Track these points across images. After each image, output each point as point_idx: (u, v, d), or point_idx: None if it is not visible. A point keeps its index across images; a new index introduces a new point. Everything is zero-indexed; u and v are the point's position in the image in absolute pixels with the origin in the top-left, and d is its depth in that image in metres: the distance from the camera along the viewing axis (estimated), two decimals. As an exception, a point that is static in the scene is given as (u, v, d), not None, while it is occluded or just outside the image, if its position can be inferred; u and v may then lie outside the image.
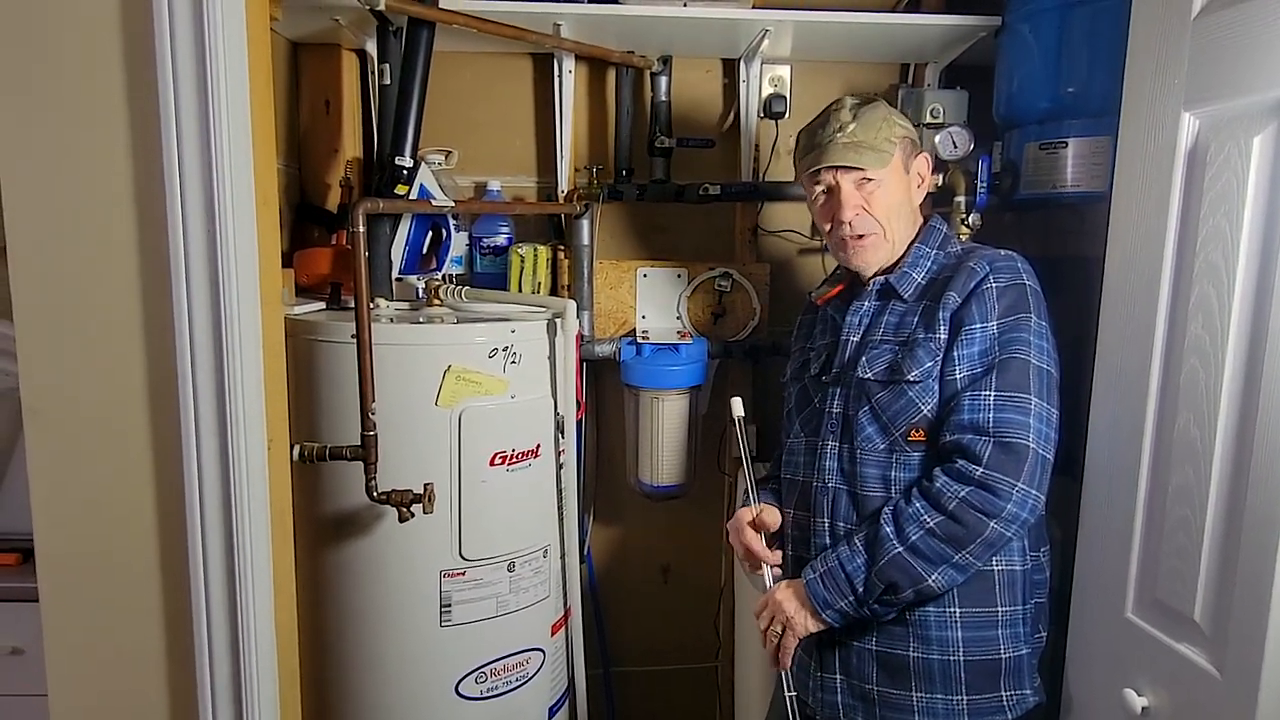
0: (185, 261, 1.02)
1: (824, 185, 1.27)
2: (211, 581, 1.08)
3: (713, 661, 2.16)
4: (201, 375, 1.04)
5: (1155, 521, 1.14)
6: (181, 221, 1.01)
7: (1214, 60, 1.06)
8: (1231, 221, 1.01)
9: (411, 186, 1.60)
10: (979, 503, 1.11)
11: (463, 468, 1.47)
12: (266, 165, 1.14)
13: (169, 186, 1.00)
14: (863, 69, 1.99)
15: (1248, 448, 0.99)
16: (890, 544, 1.14)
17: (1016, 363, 1.15)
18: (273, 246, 1.18)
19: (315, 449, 1.39)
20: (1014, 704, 1.21)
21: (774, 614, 1.22)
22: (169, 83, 0.99)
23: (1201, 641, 1.06)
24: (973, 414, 1.14)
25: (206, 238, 1.02)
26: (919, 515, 1.14)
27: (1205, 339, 1.05)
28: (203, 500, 1.06)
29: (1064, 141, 1.54)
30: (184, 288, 1.02)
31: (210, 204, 1.01)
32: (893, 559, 1.14)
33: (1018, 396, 1.14)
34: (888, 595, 1.15)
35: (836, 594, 1.17)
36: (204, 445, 1.05)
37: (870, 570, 1.15)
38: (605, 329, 1.95)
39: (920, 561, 1.13)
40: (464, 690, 1.53)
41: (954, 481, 1.13)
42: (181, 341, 1.03)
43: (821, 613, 1.18)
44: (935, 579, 1.13)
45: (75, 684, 1.11)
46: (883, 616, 1.19)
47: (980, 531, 1.12)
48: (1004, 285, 1.19)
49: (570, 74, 1.88)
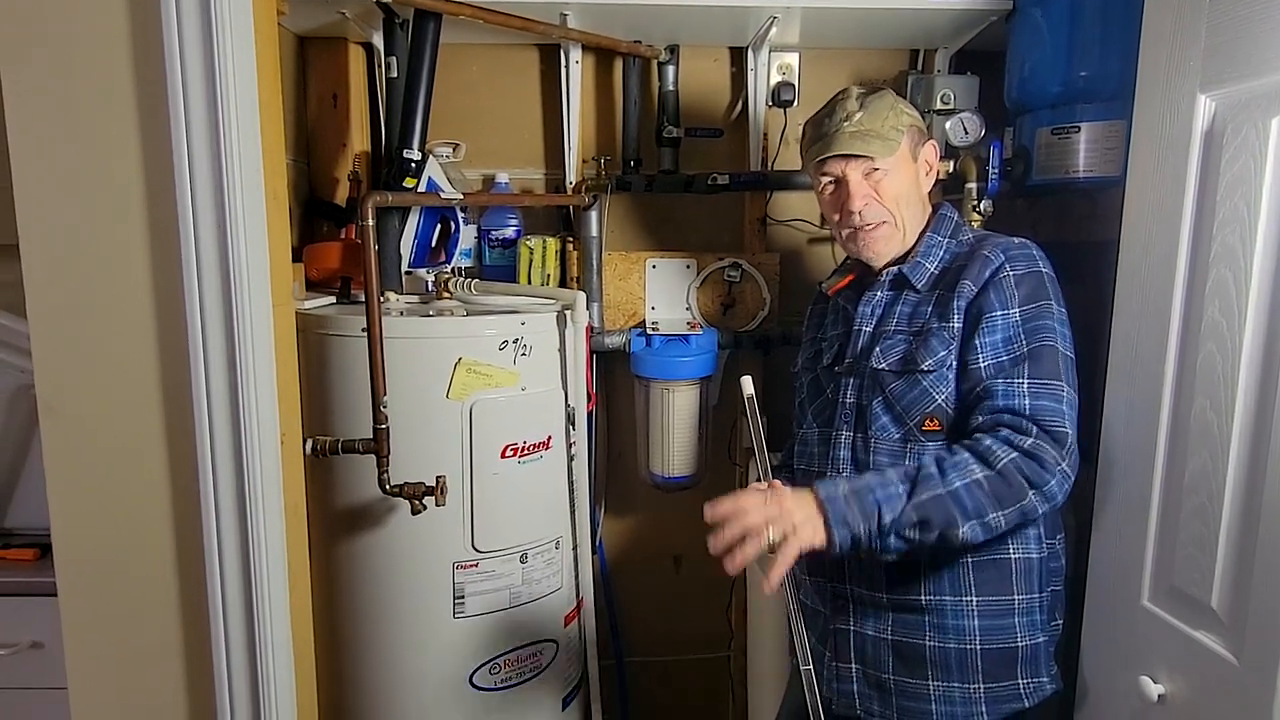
0: (196, 258, 1.02)
1: (832, 176, 1.27)
2: (227, 575, 1.09)
3: (725, 651, 2.16)
4: (214, 371, 1.05)
5: (1171, 508, 1.13)
6: (192, 218, 1.01)
7: (1231, 41, 1.04)
8: (1249, 204, 1.00)
9: (420, 180, 1.60)
10: (1027, 470, 1.09)
11: (474, 460, 1.48)
12: (276, 161, 1.14)
13: (179, 183, 1.01)
14: (872, 55, 1.98)
15: (1265, 433, 0.98)
16: (935, 483, 1.10)
17: (1047, 350, 1.14)
18: (283, 242, 1.18)
19: (328, 443, 1.39)
20: (1031, 692, 1.21)
21: (774, 520, 1.09)
22: (178, 79, 0.99)
23: (1219, 629, 1.05)
24: (1008, 400, 1.13)
25: (217, 234, 1.02)
26: (967, 465, 1.11)
27: (1222, 323, 1.04)
28: (217, 495, 1.07)
29: (1077, 126, 1.53)
30: (195, 284, 1.03)
31: (220, 200, 1.01)
32: (935, 497, 1.09)
33: (1053, 384, 1.13)
34: (911, 532, 1.09)
35: (859, 516, 1.09)
36: (217, 440, 1.06)
37: (908, 502, 1.09)
38: (615, 320, 1.95)
39: (958, 508, 1.09)
40: (478, 681, 1.54)
41: (1003, 444, 1.11)
42: (194, 337, 1.04)
43: (834, 529, 1.09)
44: (965, 530, 1.09)
45: (94, 677, 1.12)
46: (886, 553, 1.12)
47: (1021, 498, 1.09)
48: (1022, 273, 1.18)
49: (577, 64, 1.87)
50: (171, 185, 1.01)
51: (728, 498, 1.11)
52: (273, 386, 1.11)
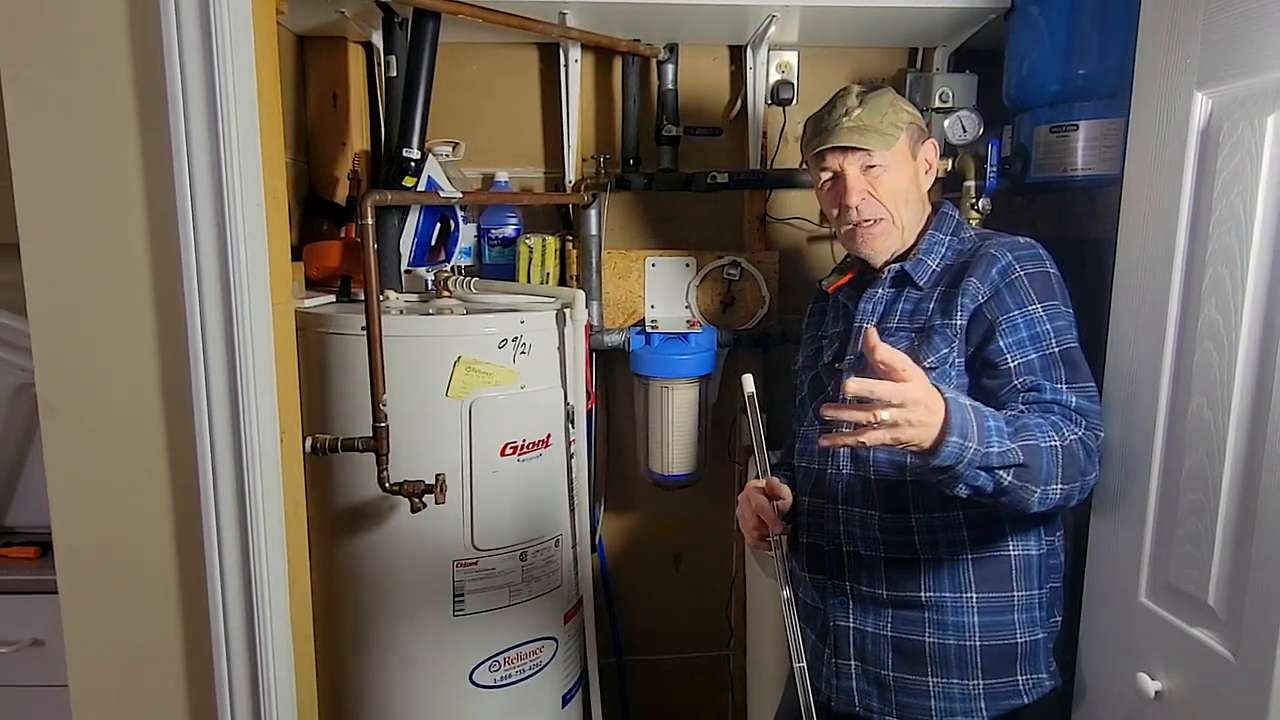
0: (196, 256, 1.02)
1: (830, 170, 1.27)
2: (227, 573, 1.09)
3: (725, 650, 2.16)
4: (214, 369, 1.05)
5: (1168, 506, 1.13)
6: (192, 216, 1.02)
7: (1228, 38, 1.04)
8: (1245, 202, 1.00)
9: (419, 178, 1.60)
10: (1084, 454, 1.10)
11: (474, 458, 1.48)
12: (275, 160, 1.15)
13: (179, 182, 1.01)
14: (871, 54, 1.98)
15: (1261, 430, 0.98)
16: (1031, 433, 1.05)
17: (1074, 353, 1.16)
18: (283, 240, 1.18)
19: (327, 441, 1.40)
20: (1030, 688, 1.21)
21: (899, 399, 0.93)
22: (177, 78, 0.99)
23: (1216, 625, 1.05)
24: (1056, 396, 1.13)
25: (217, 232, 1.02)
26: (1045, 429, 1.07)
27: (1219, 321, 1.04)
28: (217, 493, 1.07)
29: (1075, 124, 1.53)
30: (195, 283, 1.03)
31: (220, 199, 1.02)
32: (1033, 447, 1.04)
33: (1089, 388, 1.16)
34: (1004, 474, 1.02)
35: (975, 434, 0.99)
36: (217, 438, 1.06)
37: (1011, 443, 1.02)
38: (614, 319, 1.95)
39: (1044, 466, 1.05)
40: (478, 679, 1.54)
41: (1067, 424, 1.10)
42: (194, 336, 1.04)
43: (949, 438, 0.97)
44: (1039, 493, 1.05)
45: (95, 674, 1.12)
46: (966, 485, 1.02)
47: (1077, 478, 1.09)
48: (1033, 272, 1.18)
49: (576, 63, 1.87)
50: (171, 184, 1.01)
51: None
52: (272, 385, 1.12)
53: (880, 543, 1.23)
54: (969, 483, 1.02)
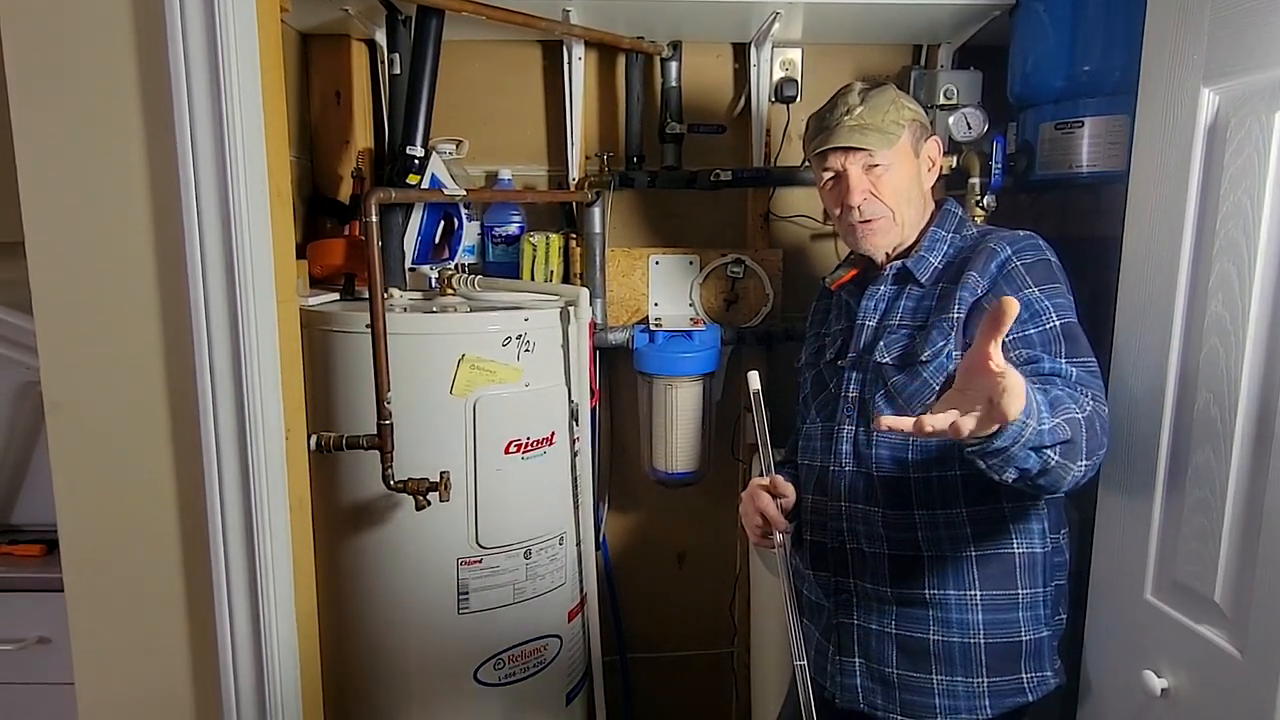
0: (201, 255, 1.03)
1: (832, 170, 1.27)
2: (232, 571, 1.10)
3: (729, 647, 2.16)
4: (219, 367, 1.05)
5: (1175, 503, 1.13)
6: (196, 215, 1.02)
7: (1234, 34, 1.04)
8: (1252, 198, 1.00)
9: (423, 176, 1.60)
10: (1099, 424, 1.05)
11: (478, 456, 1.48)
12: (279, 158, 1.15)
13: (184, 181, 1.01)
14: (874, 51, 1.97)
15: (1269, 427, 0.98)
16: (1067, 405, 0.99)
17: (1074, 328, 1.14)
18: (287, 239, 1.18)
19: (332, 439, 1.40)
20: (1035, 686, 1.21)
21: (997, 376, 0.87)
22: (182, 77, 0.99)
23: (1222, 623, 1.05)
24: (1054, 368, 1.10)
25: (221, 231, 1.03)
26: (1067, 401, 1.00)
27: (1226, 317, 1.04)
28: (222, 491, 1.07)
29: (1080, 121, 1.52)
30: (200, 281, 1.03)
31: (224, 197, 1.02)
32: (1072, 420, 0.98)
33: (1089, 361, 1.14)
34: (1051, 452, 0.97)
35: (1034, 408, 0.92)
36: (222, 436, 1.07)
37: (1055, 417, 0.96)
38: (618, 317, 1.95)
39: (1082, 439, 1.00)
40: (482, 677, 1.54)
41: (1074, 393, 1.05)
42: (199, 334, 1.04)
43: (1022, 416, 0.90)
44: (1076, 468, 1.01)
45: (101, 672, 1.13)
46: (1017, 466, 0.96)
47: (1097, 450, 1.04)
48: (1030, 261, 1.18)
49: (580, 61, 1.87)
50: (176, 182, 1.01)
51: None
52: (277, 383, 1.12)
53: (883, 540, 1.23)
54: (1019, 465, 0.96)
